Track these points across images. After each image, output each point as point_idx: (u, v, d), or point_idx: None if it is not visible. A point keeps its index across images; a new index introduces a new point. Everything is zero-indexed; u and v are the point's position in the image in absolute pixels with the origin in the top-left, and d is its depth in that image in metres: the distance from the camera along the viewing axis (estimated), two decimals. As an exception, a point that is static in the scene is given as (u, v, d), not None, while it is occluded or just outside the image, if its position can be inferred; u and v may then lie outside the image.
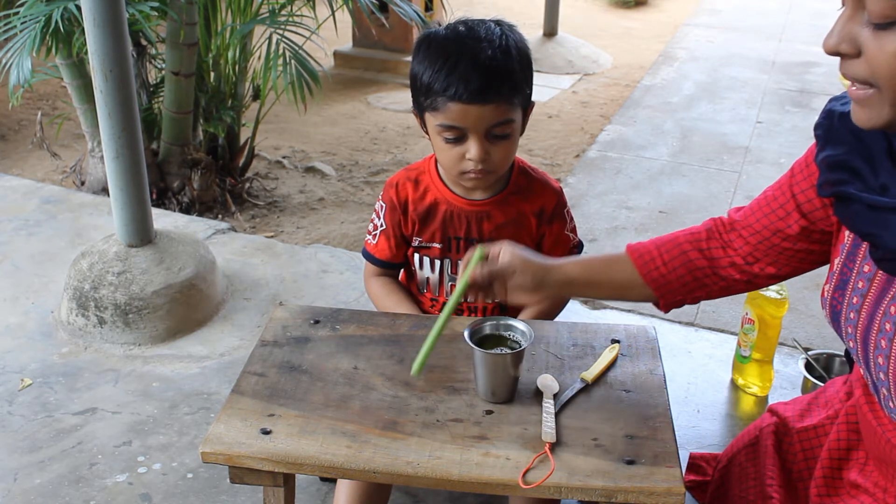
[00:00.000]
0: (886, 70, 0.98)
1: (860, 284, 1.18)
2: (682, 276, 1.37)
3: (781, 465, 1.41)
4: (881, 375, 1.15)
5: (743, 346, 2.27)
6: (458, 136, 1.52)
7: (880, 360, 1.14)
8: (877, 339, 1.15)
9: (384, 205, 1.72)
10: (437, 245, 1.70)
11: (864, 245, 1.18)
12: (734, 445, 1.55)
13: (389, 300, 1.74)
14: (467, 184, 1.62)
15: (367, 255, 1.78)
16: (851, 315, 1.19)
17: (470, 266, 1.31)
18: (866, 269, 1.18)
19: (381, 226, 1.73)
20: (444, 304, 1.75)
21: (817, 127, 1.24)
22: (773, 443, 1.43)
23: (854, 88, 1.04)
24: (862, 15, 0.99)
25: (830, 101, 1.24)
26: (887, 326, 1.13)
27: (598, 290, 1.46)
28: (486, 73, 1.47)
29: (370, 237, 1.76)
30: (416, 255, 1.73)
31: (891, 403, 1.15)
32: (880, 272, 1.15)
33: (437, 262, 1.71)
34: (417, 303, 1.78)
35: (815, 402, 1.46)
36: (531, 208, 1.68)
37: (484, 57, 1.48)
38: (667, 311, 1.43)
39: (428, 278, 1.74)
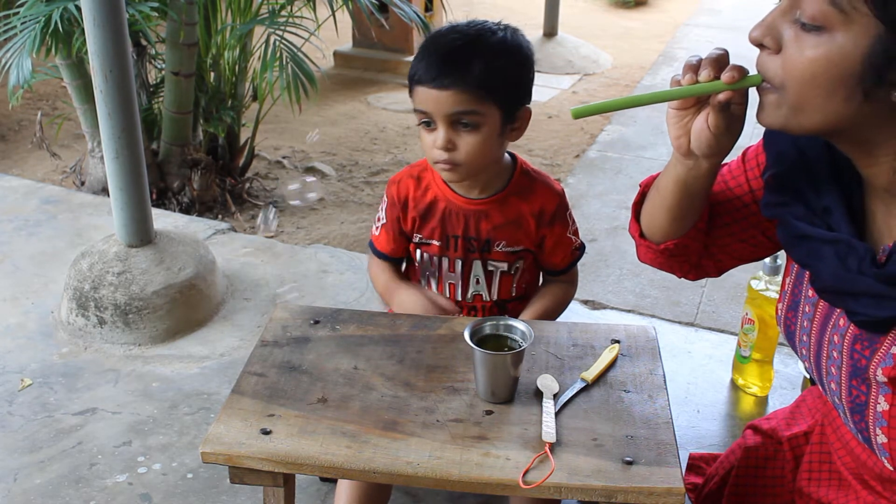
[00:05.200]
0: (797, 73, 0.96)
1: (807, 309, 1.17)
2: (699, 236, 1.29)
3: (780, 481, 1.40)
4: (836, 399, 1.14)
5: (743, 346, 2.27)
6: (427, 122, 1.55)
7: (832, 385, 1.13)
8: (827, 365, 1.13)
9: (386, 200, 1.75)
10: (436, 242, 1.70)
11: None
12: (718, 469, 1.51)
13: (385, 275, 1.78)
14: (442, 175, 1.63)
15: (371, 245, 1.82)
16: (804, 338, 1.18)
17: (746, 82, 1.04)
18: (810, 294, 1.16)
19: (383, 220, 1.76)
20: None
21: (765, 139, 1.22)
22: (766, 459, 1.41)
23: (763, 83, 1.03)
24: (794, 12, 0.97)
25: None
26: (834, 354, 1.11)
27: (696, 198, 1.21)
28: (447, 59, 1.51)
29: (374, 228, 1.80)
30: (418, 251, 1.74)
31: (850, 424, 1.15)
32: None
33: (436, 259, 1.72)
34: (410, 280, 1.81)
35: (798, 411, 1.45)
36: (531, 209, 1.67)
37: (452, 46, 1.53)
38: (656, 249, 1.29)
39: (428, 274, 1.75)
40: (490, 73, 1.52)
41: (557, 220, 1.70)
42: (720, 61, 1.05)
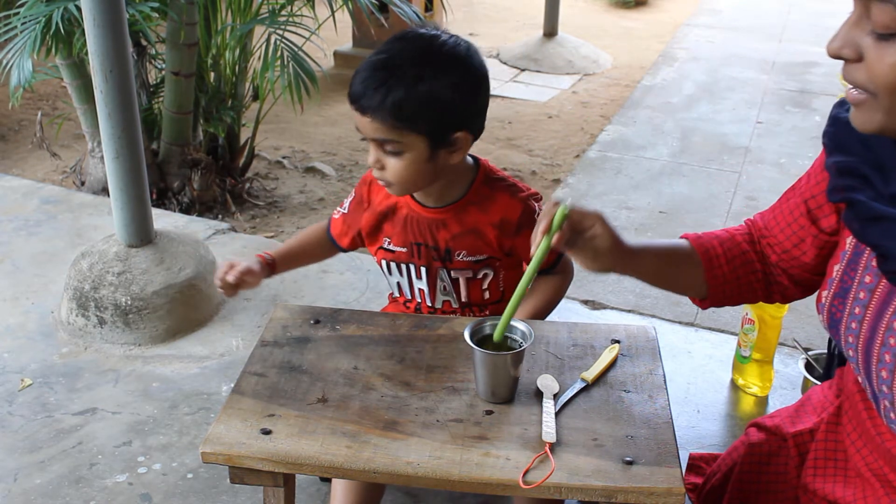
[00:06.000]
0: (883, 79, 0.98)
1: (861, 295, 1.17)
2: (739, 277, 1.35)
3: (784, 477, 1.40)
4: (884, 388, 1.14)
5: (743, 346, 2.27)
6: (363, 139, 1.52)
7: (884, 373, 1.13)
8: (880, 352, 1.13)
9: (355, 195, 1.74)
10: (402, 250, 1.68)
11: (866, 255, 1.17)
12: (721, 466, 1.51)
13: (296, 237, 1.84)
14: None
15: (329, 222, 1.82)
16: (853, 325, 1.18)
17: (555, 226, 1.20)
18: (868, 279, 1.17)
19: (345, 211, 1.77)
20: (417, 305, 1.74)
21: (825, 135, 1.23)
22: (769, 455, 1.41)
23: (852, 92, 1.04)
24: (867, 22, 0.98)
25: (834, 106, 1.23)
26: (891, 340, 1.11)
27: (659, 284, 1.41)
28: (367, 84, 1.46)
29: (338, 210, 1.80)
30: (384, 261, 1.71)
31: (892, 415, 1.14)
32: (882, 283, 1.13)
33: (404, 266, 1.70)
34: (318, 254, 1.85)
35: (803, 409, 1.44)
36: (490, 219, 1.62)
37: (374, 69, 1.46)
38: (704, 308, 1.41)
39: (398, 282, 1.73)
40: (408, 103, 1.43)
41: (525, 228, 1.61)
42: (543, 223, 1.22)
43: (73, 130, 4.06)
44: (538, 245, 1.22)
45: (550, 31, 5.77)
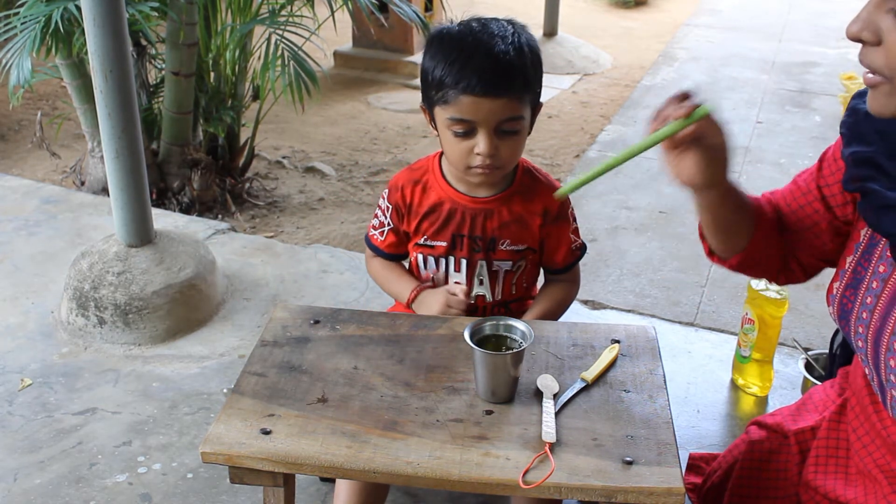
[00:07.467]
0: None
1: (874, 285, 1.17)
2: (770, 247, 1.33)
3: (785, 474, 1.40)
4: (892, 378, 1.14)
5: (743, 346, 2.27)
6: (467, 130, 1.53)
7: (892, 362, 1.13)
8: (889, 340, 1.13)
9: (390, 206, 1.74)
10: (442, 244, 1.70)
11: (881, 245, 1.17)
12: (721, 463, 1.51)
13: (392, 273, 1.78)
14: (474, 179, 1.62)
15: (372, 247, 1.80)
16: (864, 315, 1.18)
17: (693, 117, 1.13)
18: (882, 269, 1.17)
19: (389, 225, 1.76)
20: None
21: (843, 125, 1.23)
22: (770, 453, 1.41)
23: (868, 75, 1.04)
24: (889, 4, 0.98)
25: (854, 97, 1.23)
26: None
27: (721, 225, 1.30)
28: (499, 67, 1.49)
29: (376, 232, 1.78)
30: (420, 255, 1.73)
31: None
32: None
33: (442, 261, 1.72)
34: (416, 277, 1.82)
35: (805, 408, 1.44)
36: (535, 208, 1.68)
37: (497, 51, 1.50)
38: (729, 267, 1.35)
39: (432, 277, 1.75)
40: (530, 78, 1.54)
41: (560, 218, 1.70)
42: (678, 103, 1.15)
43: (73, 130, 4.06)
44: (657, 129, 1.15)
45: (550, 31, 5.77)
